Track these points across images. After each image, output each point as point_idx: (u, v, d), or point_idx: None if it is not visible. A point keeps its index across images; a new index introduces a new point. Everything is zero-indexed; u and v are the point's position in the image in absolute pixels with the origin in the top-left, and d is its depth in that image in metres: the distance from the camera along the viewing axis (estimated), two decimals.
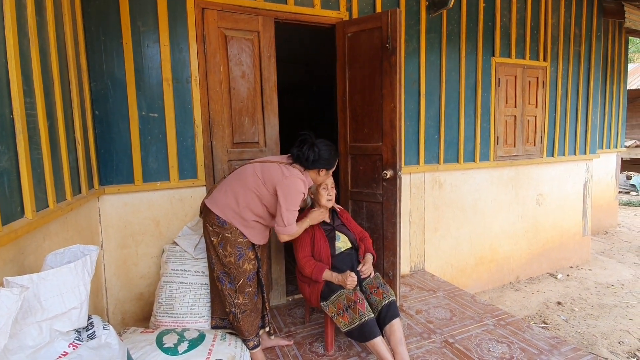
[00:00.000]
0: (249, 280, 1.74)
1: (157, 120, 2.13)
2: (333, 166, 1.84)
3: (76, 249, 1.20)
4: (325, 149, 1.76)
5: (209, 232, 1.72)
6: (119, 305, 2.15)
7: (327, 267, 1.89)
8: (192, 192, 2.24)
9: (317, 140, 1.77)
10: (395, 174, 2.28)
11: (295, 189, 1.66)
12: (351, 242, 2.04)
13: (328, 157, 1.77)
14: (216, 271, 1.75)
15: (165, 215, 2.20)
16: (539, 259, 3.78)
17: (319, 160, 1.74)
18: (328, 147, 1.78)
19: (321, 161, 1.75)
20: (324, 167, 1.78)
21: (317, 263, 1.89)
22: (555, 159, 3.75)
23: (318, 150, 1.73)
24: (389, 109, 2.27)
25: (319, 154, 1.73)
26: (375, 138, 2.38)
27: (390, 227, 2.34)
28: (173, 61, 2.13)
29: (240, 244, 1.71)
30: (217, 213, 1.69)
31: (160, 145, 2.15)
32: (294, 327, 2.23)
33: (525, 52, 3.42)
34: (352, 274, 1.81)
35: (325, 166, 1.79)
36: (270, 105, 2.35)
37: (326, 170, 1.82)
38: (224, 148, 2.26)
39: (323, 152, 1.75)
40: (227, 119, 2.26)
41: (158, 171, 2.15)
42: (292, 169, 1.71)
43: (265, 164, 1.74)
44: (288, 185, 1.65)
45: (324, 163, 1.77)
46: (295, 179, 1.67)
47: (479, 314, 2.34)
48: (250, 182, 1.69)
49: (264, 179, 1.69)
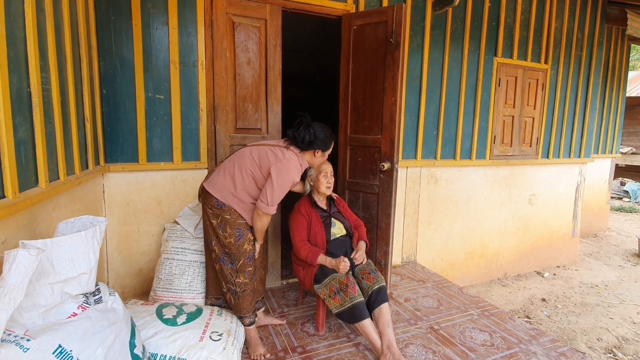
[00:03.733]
0: (248, 260, 1.80)
1: (162, 102, 2.17)
2: (329, 147, 1.87)
3: (85, 219, 1.27)
4: (320, 130, 1.79)
5: (208, 215, 1.77)
6: (119, 280, 2.22)
7: (322, 251, 1.96)
8: (194, 174, 2.29)
9: (313, 122, 1.80)
10: (392, 167, 2.34)
11: (288, 172, 1.69)
12: (346, 230, 2.11)
13: (324, 137, 1.80)
14: (217, 252, 1.79)
15: (167, 195, 2.26)
16: (528, 256, 3.88)
17: (314, 141, 1.77)
18: (323, 128, 1.81)
19: (317, 142, 1.78)
20: (319, 148, 1.81)
21: (312, 247, 1.96)
22: (550, 160, 3.82)
23: (313, 131, 1.76)
24: (389, 102, 2.32)
25: (315, 134, 1.77)
26: (375, 131, 2.43)
27: (385, 218, 2.41)
28: (181, 45, 2.16)
29: (240, 225, 1.77)
30: (215, 195, 1.73)
31: (165, 126, 2.20)
32: (287, 308, 2.31)
33: (527, 54, 3.46)
34: (346, 259, 1.88)
35: (321, 147, 1.82)
36: (274, 93, 2.40)
37: (322, 151, 1.84)
38: (226, 133, 2.31)
39: (319, 132, 1.78)
40: (231, 104, 2.31)
41: (162, 152, 2.21)
42: (287, 153, 1.74)
43: (262, 147, 1.77)
44: (281, 168, 1.68)
45: (320, 144, 1.80)
46: (290, 163, 1.70)
47: (465, 304, 2.43)
48: (247, 165, 1.72)
49: (260, 162, 1.72)
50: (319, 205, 2.10)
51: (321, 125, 1.82)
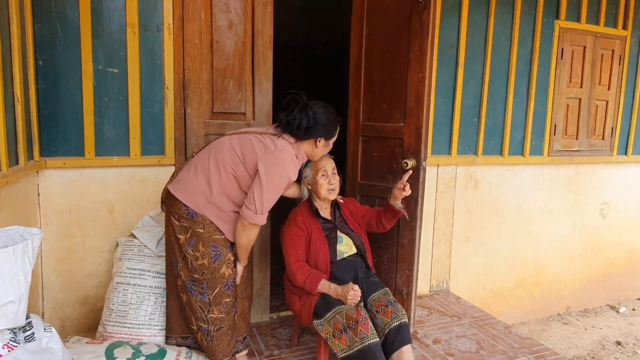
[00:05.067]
0: (226, 289, 1.80)
1: (117, 77, 2.18)
2: (334, 135, 1.87)
3: (14, 231, 1.28)
4: (321, 112, 1.78)
5: (174, 227, 1.77)
6: (58, 310, 2.23)
7: (324, 276, 1.96)
8: (157, 173, 2.30)
9: (311, 102, 1.79)
10: (418, 165, 2.34)
11: (282, 168, 1.68)
12: (357, 247, 2.11)
13: (326, 121, 1.79)
14: (183, 278, 1.78)
15: (122, 200, 2.27)
16: (598, 286, 3.86)
17: (314, 127, 1.77)
18: (325, 109, 1.81)
19: (318, 128, 1.78)
20: (321, 135, 1.81)
21: (312, 270, 1.96)
22: (629, 157, 3.80)
23: (313, 113, 1.75)
24: (415, 79, 2.32)
25: (315, 118, 1.76)
26: (395, 117, 2.43)
27: (408, 233, 2.41)
28: (141, 2, 2.17)
29: (216, 242, 1.76)
30: (184, 202, 1.73)
31: (120, 109, 2.20)
32: (278, 350, 2.32)
33: (599, 16, 3.44)
34: (356, 287, 1.87)
35: (324, 134, 1.82)
36: (263, 66, 2.40)
37: (324, 140, 1.84)
38: (200, 118, 2.32)
39: (320, 115, 1.77)
40: (207, 81, 2.31)
41: (115, 143, 2.22)
42: (280, 142, 1.73)
43: (245, 136, 1.76)
44: (272, 162, 1.67)
45: (322, 130, 1.79)
46: (283, 156, 1.69)
47: (514, 348, 2.43)
48: (226, 160, 1.71)
49: (244, 155, 1.70)
50: (321, 214, 2.10)
51: (322, 105, 1.82)
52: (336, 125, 1.87)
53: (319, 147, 1.85)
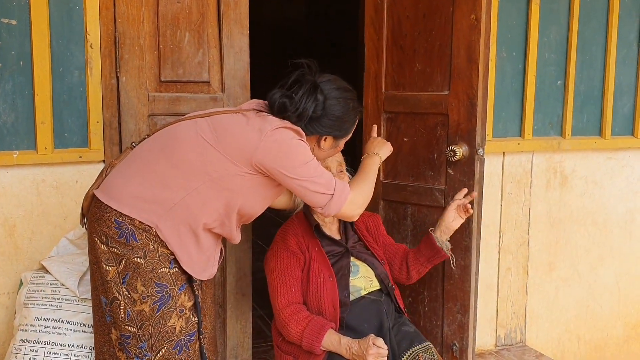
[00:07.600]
0: (177, 351, 1.79)
1: (14, 31, 2.18)
2: (348, 132, 1.90)
3: None
4: (336, 98, 1.79)
5: (100, 254, 1.75)
6: None
7: (331, 325, 1.95)
8: (78, 174, 2.31)
9: (322, 78, 1.81)
10: (472, 154, 2.33)
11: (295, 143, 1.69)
12: (380, 280, 2.11)
13: (341, 113, 1.81)
14: (114, 332, 1.79)
15: (26, 216, 2.27)
16: None
17: (322, 119, 1.78)
18: (342, 93, 1.82)
19: (326, 121, 1.79)
20: (330, 132, 1.83)
21: (312, 317, 1.95)
22: None
23: (323, 97, 1.76)
24: (465, 24, 2.31)
25: (325, 106, 1.77)
26: (436, 82, 2.43)
27: (460, 257, 2.39)
28: None
29: (163, 279, 1.75)
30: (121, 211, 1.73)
31: (21, 80, 2.21)
32: None
33: None
34: (380, 341, 1.86)
35: (334, 131, 1.84)
36: (234, 10, 2.41)
37: (333, 139, 1.87)
38: (141, 90, 2.33)
39: (332, 103, 1.78)
40: (150, 34, 2.32)
41: (15, 131, 2.22)
42: (268, 118, 1.73)
43: (219, 118, 1.77)
44: (280, 143, 1.67)
45: (332, 125, 1.81)
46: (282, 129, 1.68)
47: None
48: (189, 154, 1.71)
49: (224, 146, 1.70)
50: (325, 232, 2.10)
51: (338, 85, 1.83)
52: (354, 119, 1.88)
53: (323, 147, 1.87)
